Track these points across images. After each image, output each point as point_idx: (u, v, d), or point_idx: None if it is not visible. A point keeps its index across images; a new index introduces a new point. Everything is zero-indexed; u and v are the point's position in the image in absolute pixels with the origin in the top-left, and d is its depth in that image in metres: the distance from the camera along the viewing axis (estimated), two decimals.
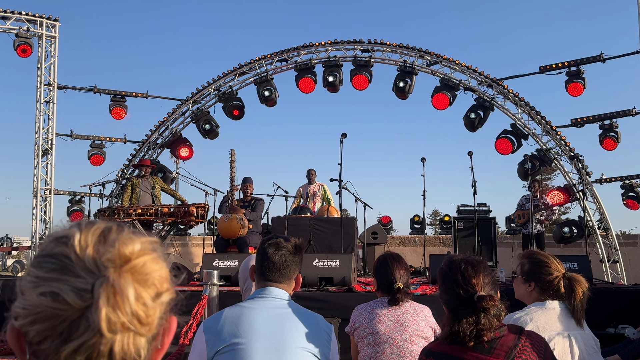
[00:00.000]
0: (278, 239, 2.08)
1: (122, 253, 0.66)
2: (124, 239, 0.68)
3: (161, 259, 0.71)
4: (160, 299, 0.68)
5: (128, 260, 0.66)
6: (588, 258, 6.24)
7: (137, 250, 0.68)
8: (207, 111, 11.50)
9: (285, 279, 2.04)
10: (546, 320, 2.35)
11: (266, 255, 2.04)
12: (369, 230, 9.54)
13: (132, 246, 0.67)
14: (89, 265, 0.65)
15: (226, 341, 1.84)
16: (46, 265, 0.66)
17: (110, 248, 0.66)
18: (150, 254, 0.69)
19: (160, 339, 0.72)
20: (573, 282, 2.39)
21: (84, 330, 0.62)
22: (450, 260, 1.82)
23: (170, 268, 0.73)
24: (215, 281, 3.15)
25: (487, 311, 1.66)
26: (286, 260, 2.03)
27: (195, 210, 8.15)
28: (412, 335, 2.65)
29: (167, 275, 0.71)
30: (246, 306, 1.96)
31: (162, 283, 0.69)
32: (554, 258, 2.49)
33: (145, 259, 0.68)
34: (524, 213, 9.30)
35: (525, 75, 10.95)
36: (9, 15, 10.77)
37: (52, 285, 0.64)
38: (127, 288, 0.64)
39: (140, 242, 0.69)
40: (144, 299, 0.65)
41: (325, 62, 11.13)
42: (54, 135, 11.18)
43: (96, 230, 0.69)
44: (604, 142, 10.16)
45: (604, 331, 5.19)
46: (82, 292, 0.63)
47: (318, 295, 5.40)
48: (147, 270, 0.67)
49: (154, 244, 0.71)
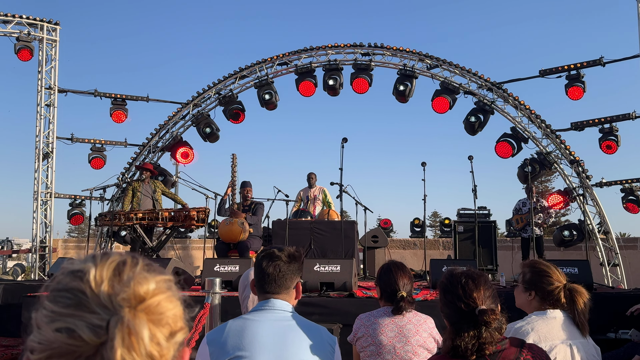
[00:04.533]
0: (272, 250, 2.07)
1: (137, 293, 0.67)
2: (139, 277, 0.69)
3: (175, 297, 0.71)
4: (175, 339, 0.69)
5: (143, 300, 0.67)
6: (588, 263, 6.23)
7: (152, 290, 0.68)
8: (207, 114, 11.50)
9: (282, 289, 2.02)
10: (547, 329, 2.36)
11: (261, 267, 2.04)
12: (370, 233, 9.54)
13: (147, 286, 0.68)
14: (104, 301, 0.66)
15: (230, 354, 1.84)
16: (62, 300, 0.67)
17: (126, 288, 0.67)
18: (164, 293, 0.70)
19: None
20: (574, 293, 2.40)
21: None
22: (451, 274, 1.83)
23: (184, 304, 0.74)
24: (217, 289, 3.16)
25: (488, 325, 1.67)
26: (280, 270, 2.02)
27: (195, 214, 8.15)
28: (414, 346, 2.65)
29: (181, 314, 0.71)
30: (249, 318, 1.96)
31: (176, 322, 0.70)
32: (556, 268, 2.50)
33: (159, 298, 0.68)
34: (521, 217, 9.31)
35: (526, 79, 10.97)
36: (10, 19, 10.79)
37: (67, 321, 0.65)
38: (142, 329, 0.64)
39: (155, 281, 0.70)
40: (158, 339, 0.66)
41: (325, 65, 11.14)
42: (55, 138, 11.19)
43: (111, 264, 0.70)
44: (603, 145, 10.17)
45: (605, 336, 5.18)
46: (97, 328, 0.64)
47: (319, 300, 5.40)
48: (161, 310, 0.68)
49: (168, 282, 0.72)
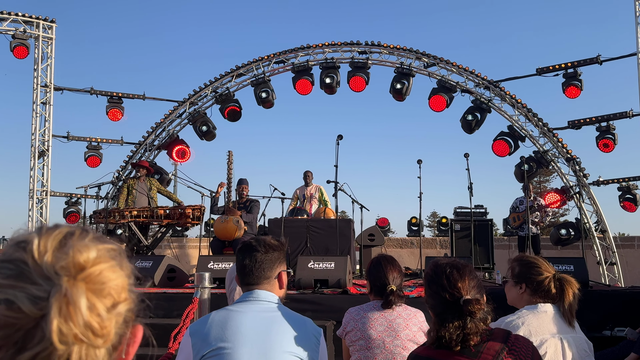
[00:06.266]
0: (249, 241, 2.06)
1: (77, 261, 0.63)
2: (79, 245, 0.65)
3: (119, 268, 0.68)
4: (117, 310, 0.65)
5: (83, 268, 0.63)
6: (584, 260, 6.22)
7: (93, 258, 0.65)
8: (204, 113, 11.48)
9: (262, 280, 1.99)
10: (538, 323, 2.33)
11: (239, 259, 2.03)
12: (366, 232, 9.51)
13: (87, 254, 0.64)
14: (47, 272, 0.62)
15: (212, 345, 1.82)
16: (3, 271, 0.63)
17: (64, 256, 0.63)
18: (107, 262, 0.66)
19: (124, 349, 0.69)
20: (563, 283, 2.39)
21: (39, 340, 0.60)
22: (436, 265, 1.81)
23: (132, 275, 0.70)
24: (206, 284, 3.13)
25: (473, 315, 1.65)
26: (257, 260, 1.99)
27: (191, 212, 8.13)
28: (404, 340, 2.62)
29: (125, 284, 0.68)
30: (233, 310, 1.93)
31: (120, 292, 0.66)
32: (544, 260, 2.51)
33: (101, 267, 0.65)
34: (518, 215, 9.29)
35: (523, 77, 10.97)
36: (6, 16, 10.75)
37: (7, 292, 0.61)
38: (79, 298, 0.61)
39: (97, 249, 0.66)
40: (98, 310, 0.63)
41: (322, 63, 11.12)
42: (51, 136, 11.16)
43: (57, 235, 0.66)
44: (601, 144, 10.16)
45: (600, 334, 5.17)
46: (38, 300, 0.60)
47: (312, 297, 5.38)
48: (103, 280, 0.64)
49: (112, 252, 0.68)
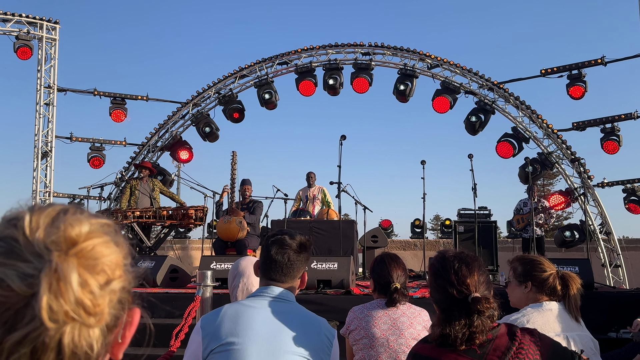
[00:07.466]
0: (283, 235, 1.97)
1: (69, 235, 0.60)
2: (71, 220, 0.62)
3: (114, 243, 0.65)
4: (111, 287, 0.62)
5: (75, 243, 0.60)
6: (589, 261, 6.17)
7: (85, 233, 0.62)
8: (207, 114, 11.48)
9: (288, 278, 1.93)
10: (543, 321, 2.30)
11: (269, 253, 1.94)
12: (369, 233, 9.47)
13: (79, 228, 0.61)
14: (39, 249, 0.59)
15: (222, 339, 1.75)
16: None
17: (56, 230, 0.60)
18: (100, 237, 0.63)
19: (121, 332, 0.66)
20: (567, 279, 2.39)
21: (30, 319, 0.57)
22: (443, 258, 1.73)
23: (128, 254, 0.67)
24: (209, 282, 3.09)
25: (481, 313, 1.59)
26: (289, 259, 1.92)
27: (194, 212, 8.11)
28: (408, 339, 2.58)
29: (120, 261, 0.65)
30: (247, 304, 1.86)
31: (114, 269, 0.63)
32: (544, 258, 2.50)
33: (94, 242, 0.62)
34: (522, 217, 9.24)
35: (527, 79, 10.94)
36: (9, 17, 10.78)
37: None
38: (70, 274, 0.58)
39: (89, 223, 0.63)
40: (90, 286, 0.59)
41: (325, 65, 11.11)
42: (54, 137, 11.18)
43: (51, 212, 0.63)
44: (605, 145, 10.11)
45: (606, 335, 5.12)
46: (28, 277, 0.57)
47: (315, 297, 5.35)
48: (95, 255, 0.61)
49: (106, 227, 0.65)
